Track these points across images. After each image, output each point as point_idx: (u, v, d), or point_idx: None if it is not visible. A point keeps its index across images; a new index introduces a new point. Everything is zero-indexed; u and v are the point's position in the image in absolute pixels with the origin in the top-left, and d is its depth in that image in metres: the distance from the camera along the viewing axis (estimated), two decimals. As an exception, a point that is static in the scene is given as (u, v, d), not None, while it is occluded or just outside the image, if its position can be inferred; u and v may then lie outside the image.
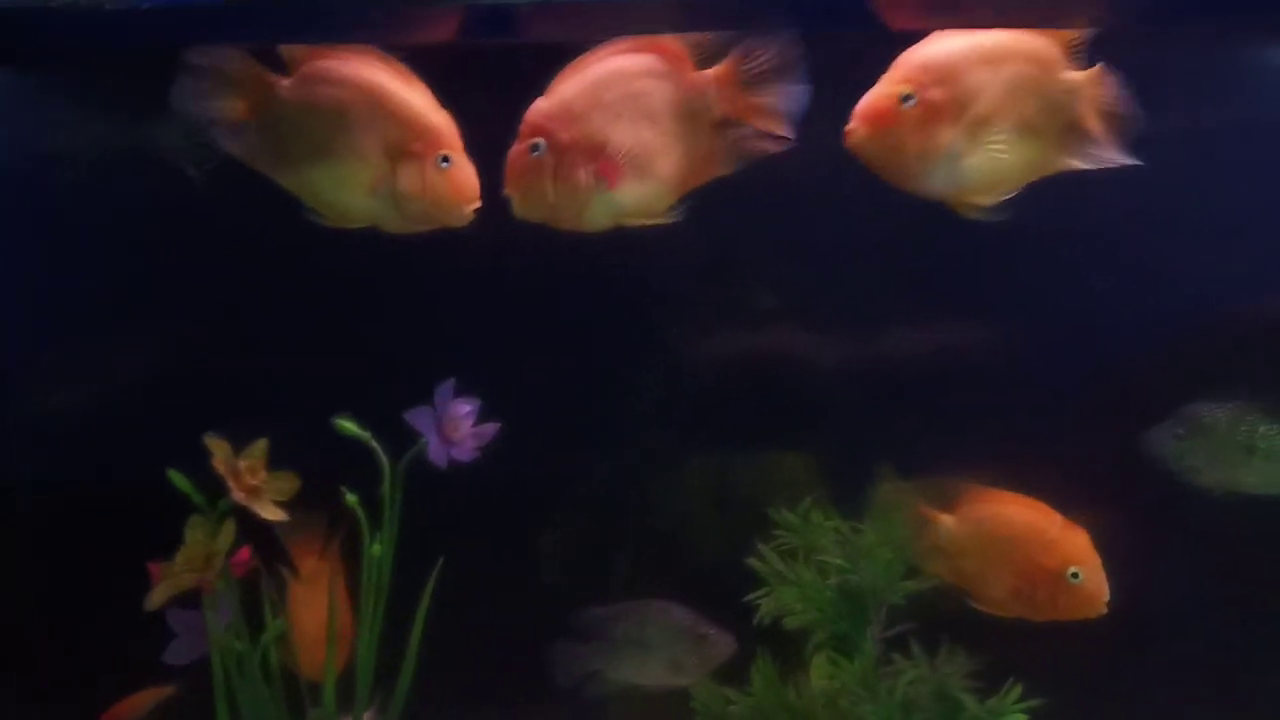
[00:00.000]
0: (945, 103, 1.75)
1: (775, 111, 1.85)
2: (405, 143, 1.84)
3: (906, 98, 1.74)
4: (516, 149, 1.84)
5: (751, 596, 2.05)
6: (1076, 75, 1.86)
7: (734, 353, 2.29)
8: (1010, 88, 1.79)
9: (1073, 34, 1.83)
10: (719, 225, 2.07)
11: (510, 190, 1.85)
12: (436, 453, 1.94)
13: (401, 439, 1.94)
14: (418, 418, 1.94)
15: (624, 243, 1.93)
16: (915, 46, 1.79)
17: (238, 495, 1.89)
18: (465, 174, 1.87)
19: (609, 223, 1.88)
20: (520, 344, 2.20)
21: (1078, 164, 1.85)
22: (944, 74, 1.76)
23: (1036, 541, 2.05)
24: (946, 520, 2.11)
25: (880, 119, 1.75)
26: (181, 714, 1.99)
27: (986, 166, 1.80)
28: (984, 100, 1.78)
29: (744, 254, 2.25)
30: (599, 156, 1.83)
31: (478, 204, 1.87)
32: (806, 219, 2.18)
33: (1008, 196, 1.84)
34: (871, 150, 1.78)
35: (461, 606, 1.98)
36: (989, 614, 2.06)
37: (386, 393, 1.90)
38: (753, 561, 2.05)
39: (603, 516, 2.30)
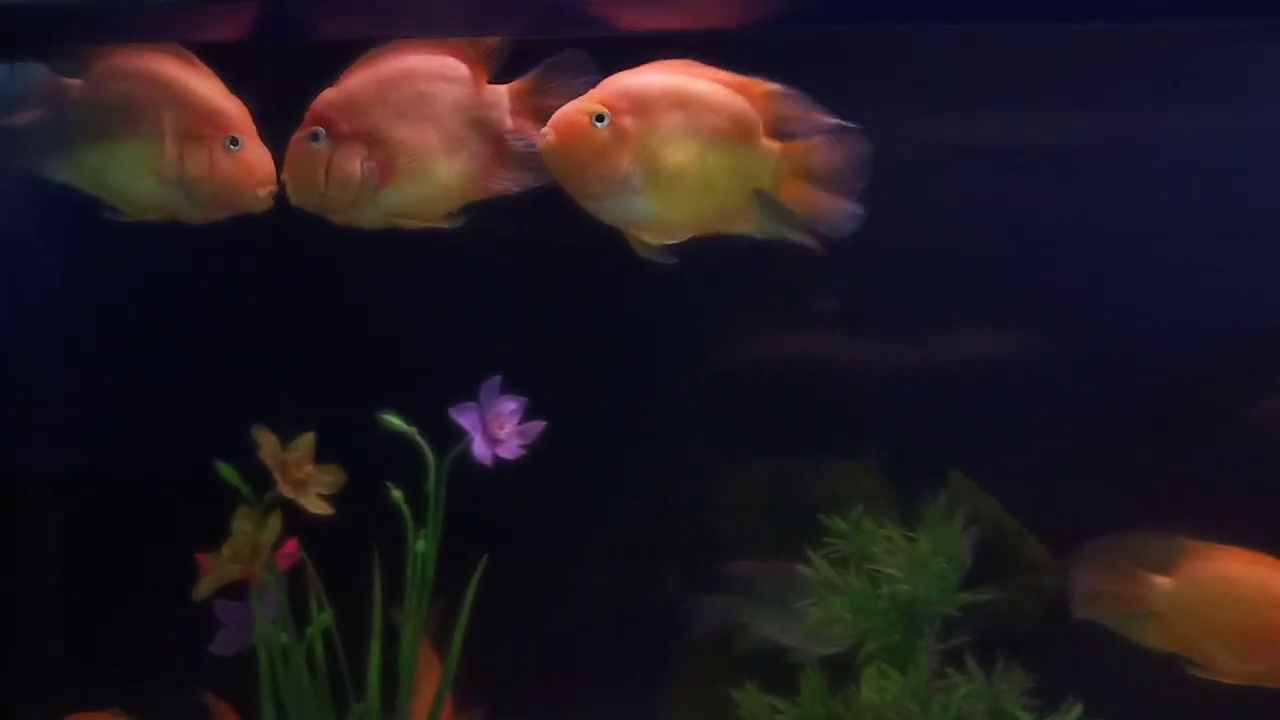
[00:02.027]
0: (635, 133, 1.72)
1: None
2: (192, 127, 1.85)
3: (599, 118, 1.71)
4: (297, 136, 1.85)
5: (801, 604, 2.01)
6: (774, 145, 1.80)
7: (789, 355, 2.27)
8: (705, 140, 1.76)
9: (776, 103, 1.78)
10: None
11: (285, 176, 1.85)
12: (481, 450, 1.92)
13: (448, 437, 1.93)
14: (462, 414, 1.93)
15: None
16: (630, 71, 1.76)
17: (284, 488, 1.90)
18: (256, 157, 1.86)
19: (380, 221, 1.87)
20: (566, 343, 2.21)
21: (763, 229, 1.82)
22: (642, 105, 1.73)
23: (1273, 602, 1.91)
24: (1163, 583, 1.97)
25: (570, 131, 1.72)
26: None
27: (657, 209, 1.76)
28: (673, 144, 1.75)
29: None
30: (376, 152, 1.82)
31: (272, 187, 1.87)
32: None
33: (674, 243, 1.80)
34: (556, 160, 1.75)
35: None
36: (1215, 681, 1.93)
37: (434, 389, 1.90)
38: (802, 568, 2.01)
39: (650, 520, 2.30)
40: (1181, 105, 2.21)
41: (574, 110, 1.73)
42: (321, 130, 1.83)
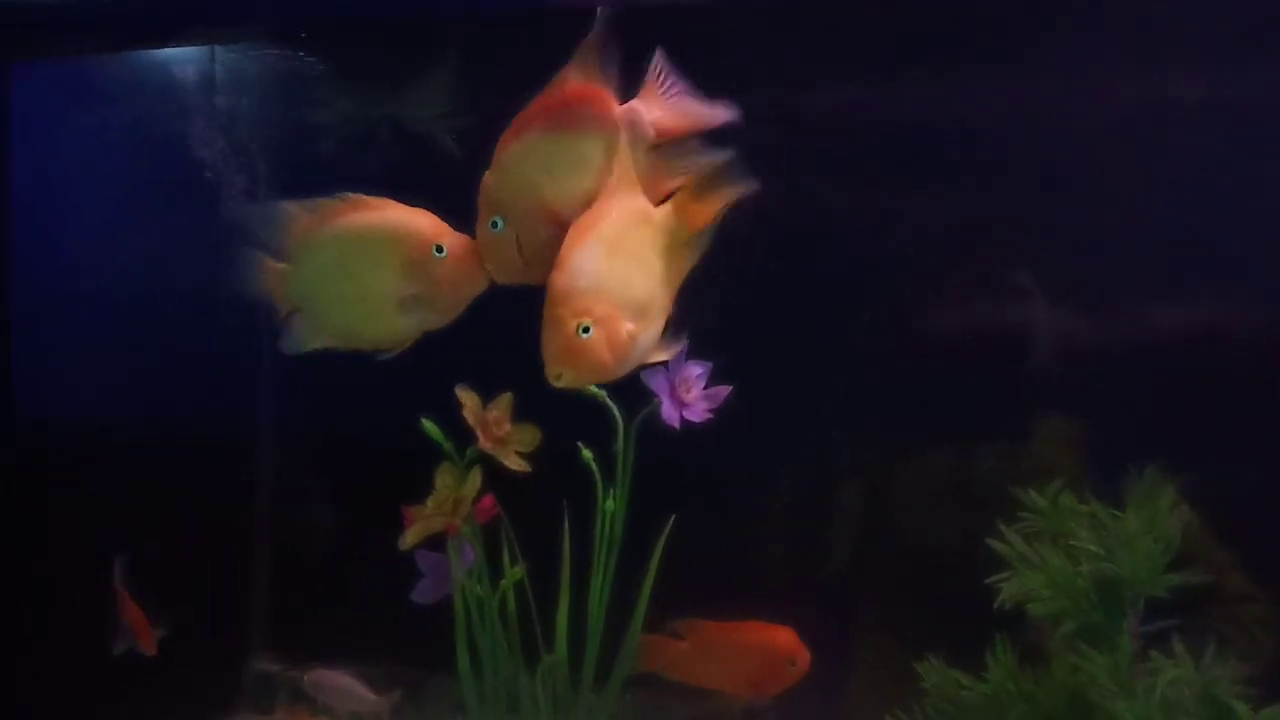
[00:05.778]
0: (614, 313, 1.75)
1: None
2: (403, 253, 1.89)
3: (585, 329, 1.73)
4: (479, 229, 1.88)
5: (994, 579, 1.94)
6: (667, 207, 1.84)
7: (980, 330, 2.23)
8: (653, 264, 1.82)
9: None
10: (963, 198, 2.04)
11: (487, 267, 1.89)
12: (669, 413, 1.97)
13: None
14: (652, 378, 1.97)
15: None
16: (559, 271, 1.76)
17: (485, 445, 1.99)
18: (463, 242, 1.90)
19: None
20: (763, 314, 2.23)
21: None
22: (600, 292, 1.75)
23: None
24: None
25: (576, 357, 1.74)
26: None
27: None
28: (632, 293, 1.79)
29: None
30: (553, 213, 1.85)
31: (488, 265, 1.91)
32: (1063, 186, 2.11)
33: None
34: (585, 382, 1.81)
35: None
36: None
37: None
38: (994, 544, 1.95)
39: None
40: None
41: (564, 340, 1.73)
42: (499, 218, 1.88)
